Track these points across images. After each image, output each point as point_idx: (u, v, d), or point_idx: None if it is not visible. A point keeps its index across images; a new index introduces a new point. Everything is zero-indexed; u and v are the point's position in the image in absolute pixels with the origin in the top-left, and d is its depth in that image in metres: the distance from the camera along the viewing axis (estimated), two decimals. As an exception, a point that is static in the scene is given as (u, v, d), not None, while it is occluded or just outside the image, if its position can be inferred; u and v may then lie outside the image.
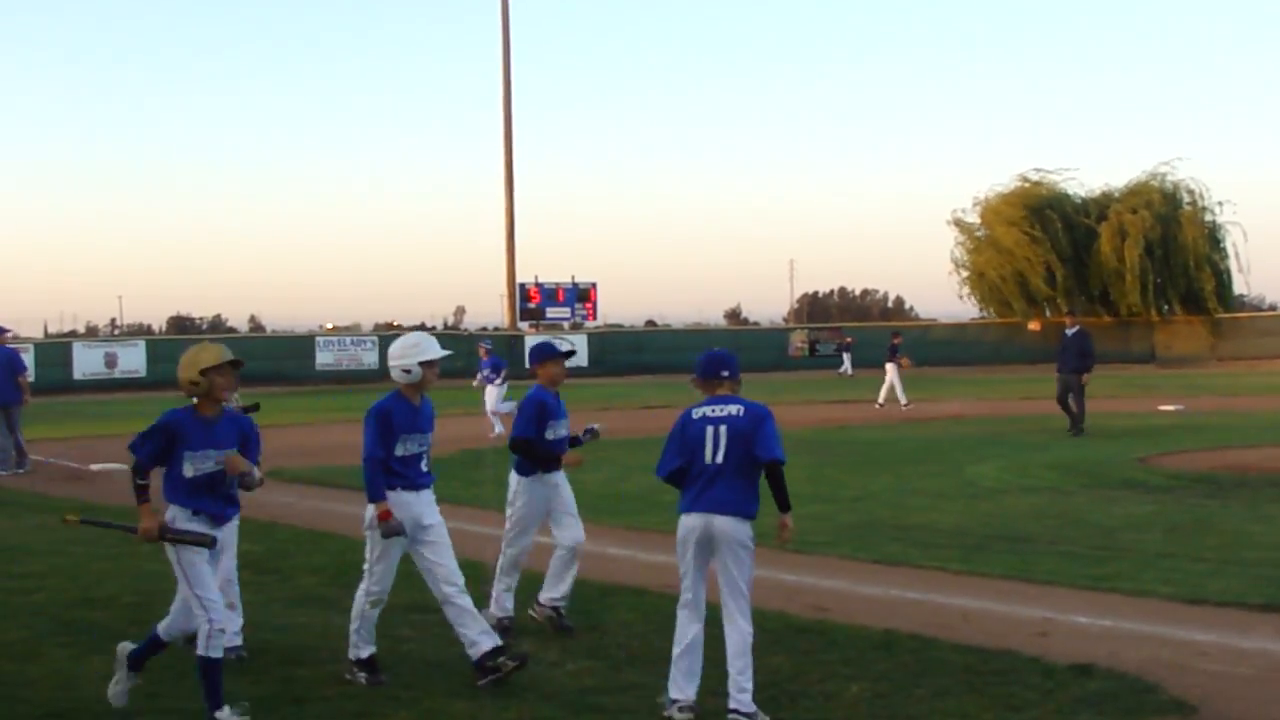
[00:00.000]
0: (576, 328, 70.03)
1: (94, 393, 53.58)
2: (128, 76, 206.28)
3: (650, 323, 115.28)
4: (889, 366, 38.17)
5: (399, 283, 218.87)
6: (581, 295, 69.69)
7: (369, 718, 7.62)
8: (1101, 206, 73.47)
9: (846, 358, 66.04)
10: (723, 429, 7.94)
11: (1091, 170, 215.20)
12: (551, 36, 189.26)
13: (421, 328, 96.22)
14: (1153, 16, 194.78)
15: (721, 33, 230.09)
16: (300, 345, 63.89)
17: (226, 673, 7.75)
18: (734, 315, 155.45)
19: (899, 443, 25.80)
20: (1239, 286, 76.94)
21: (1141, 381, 50.62)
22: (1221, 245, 74.32)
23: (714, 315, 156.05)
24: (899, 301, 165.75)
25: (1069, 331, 27.29)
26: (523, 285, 68.90)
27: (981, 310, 77.28)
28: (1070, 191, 75.72)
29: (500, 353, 44.13)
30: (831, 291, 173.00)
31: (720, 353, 8.52)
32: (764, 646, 9.08)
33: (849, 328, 79.21)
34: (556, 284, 69.24)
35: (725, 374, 8.28)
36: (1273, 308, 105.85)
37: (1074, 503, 16.22)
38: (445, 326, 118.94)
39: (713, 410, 8.05)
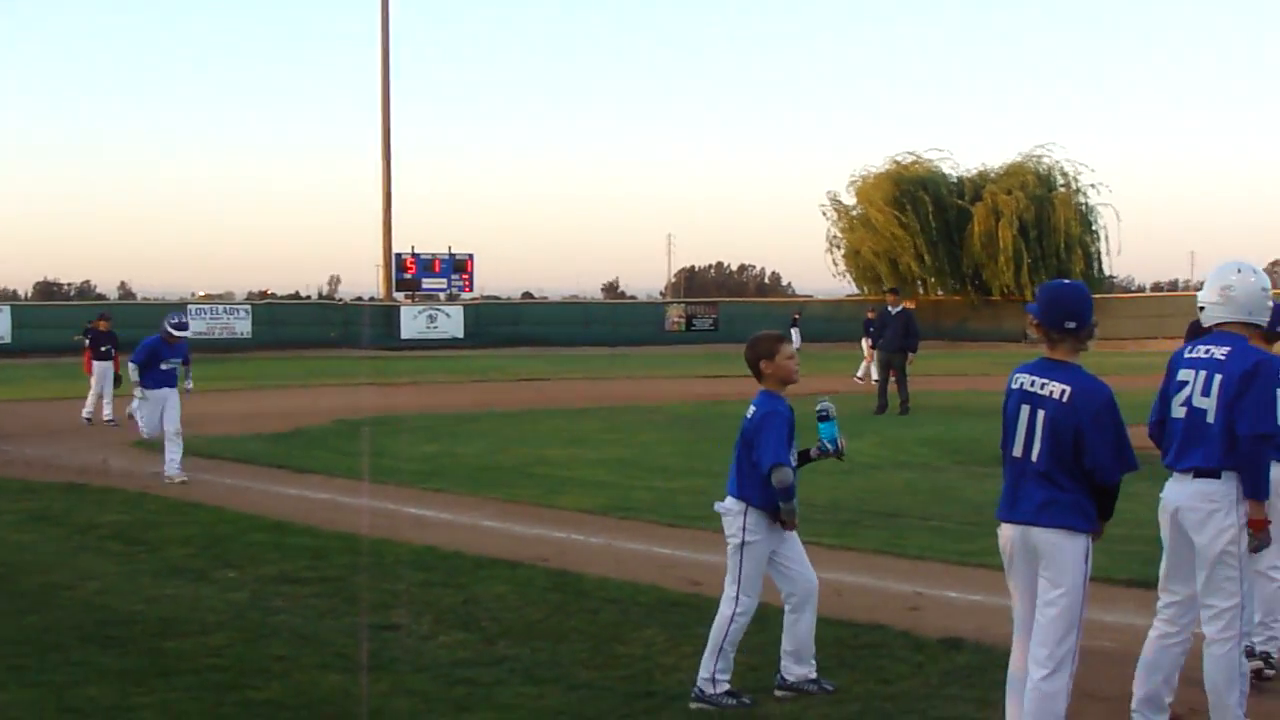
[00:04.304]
0: (453, 299, 69.64)
1: (-44, 359, 52.35)
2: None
3: (527, 295, 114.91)
4: (864, 341, 38.06)
5: (273, 251, 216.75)
6: (458, 266, 69.30)
7: (240, 690, 7.51)
8: (977, 187, 74.41)
9: (795, 333, 66.27)
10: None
11: (970, 151, 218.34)
12: (431, 5, 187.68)
13: (296, 297, 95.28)
14: (1032, 2, 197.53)
15: (601, 8, 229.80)
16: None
17: (91, 646, 7.58)
18: (612, 288, 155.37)
19: (774, 418, 25.87)
20: (1109, 268, 78.47)
21: (1013, 360, 50.94)
22: (1093, 227, 75.62)
23: (592, 288, 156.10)
24: (775, 277, 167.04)
25: (893, 310, 27.54)
26: (399, 255, 68.40)
27: (856, 287, 77.93)
28: (945, 172, 76.59)
29: (377, 323, 43.83)
30: (709, 266, 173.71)
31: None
32: (638, 619, 9.12)
33: (724, 302, 79.72)
34: (433, 255, 68.80)
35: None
36: (1141, 289, 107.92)
37: (946, 478, 16.43)
38: (320, 296, 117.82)
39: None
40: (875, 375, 35.63)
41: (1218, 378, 6.36)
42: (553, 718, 7.07)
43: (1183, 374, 6.59)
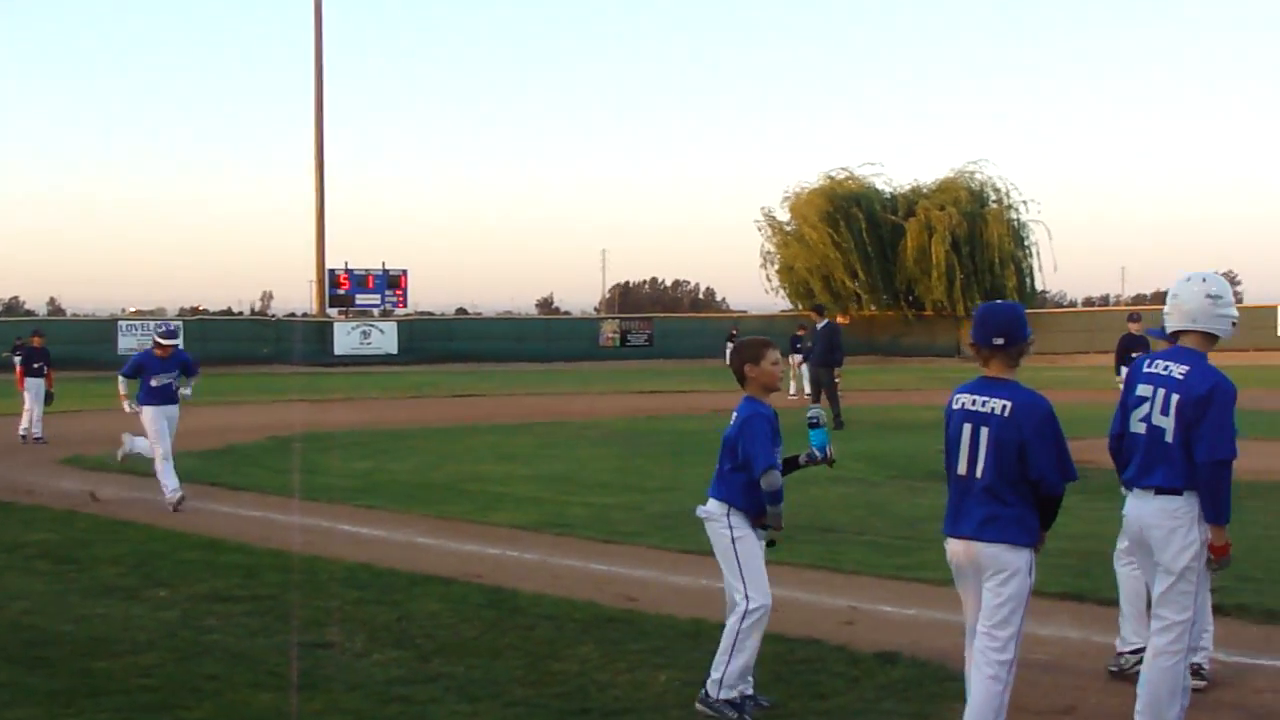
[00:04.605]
0: (387, 315, 69.45)
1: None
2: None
3: (462, 311, 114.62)
4: (793, 357, 38.21)
5: (205, 267, 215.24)
6: (392, 282, 69.12)
7: (171, 711, 7.42)
8: (910, 203, 74.79)
9: (730, 348, 66.31)
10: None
11: (903, 167, 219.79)
12: (365, 21, 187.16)
13: (228, 313, 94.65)
14: (967, 21, 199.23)
15: (535, 24, 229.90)
16: (101, 329, 62.33)
17: (18, 666, 7.47)
18: (546, 304, 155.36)
19: (709, 433, 25.89)
20: (1042, 283, 79.10)
21: (946, 375, 51.62)
22: (1026, 243, 76.19)
23: (526, 304, 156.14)
24: (710, 293, 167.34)
25: (818, 327, 27.91)
26: (332, 271, 68.17)
27: (796, 304, 78.10)
28: (879, 188, 76.97)
29: (310, 339, 43.53)
30: (644, 282, 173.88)
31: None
32: (573, 636, 9.09)
33: (659, 318, 79.90)
34: (367, 270, 68.59)
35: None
36: (1074, 304, 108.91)
37: (881, 493, 16.49)
38: (252, 312, 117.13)
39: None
40: (808, 390, 35.93)
41: (1175, 397, 6.42)
42: (487, 735, 7.04)
43: (1141, 389, 6.65)
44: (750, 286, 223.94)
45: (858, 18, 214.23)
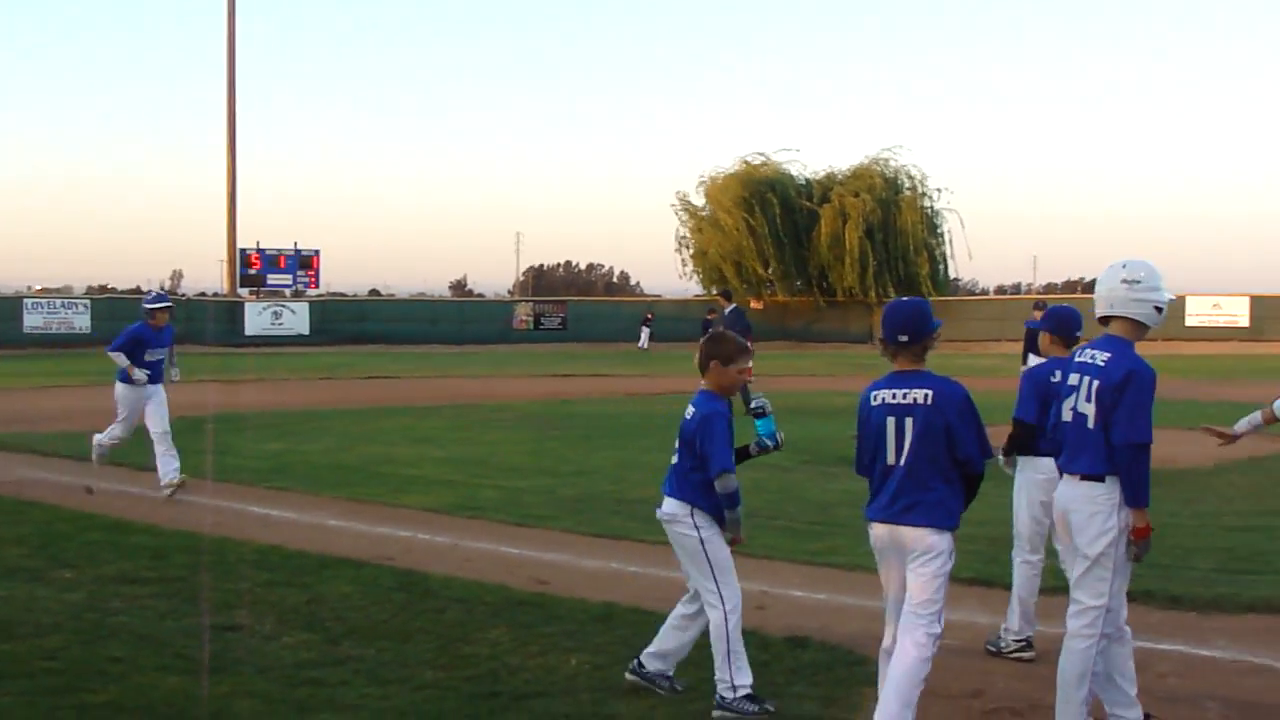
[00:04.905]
0: (298, 295, 68.94)
1: None
2: None
3: (374, 292, 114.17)
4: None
5: (114, 245, 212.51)
6: (304, 263, 68.64)
7: (76, 694, 7.33)
8: (825, 189, 75.18)
9: (645, 332, 66.26)
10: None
11: (819, 153, 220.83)
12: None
13: (137, 292, 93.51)
14: (884, 9, 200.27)
15: (451, 3, 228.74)
16: (6, 307, 61.50)
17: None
18: (459, 286, 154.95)
19: (621, 417, 26.01)
20: (955, 271, 79.79)
21: (859, 361, 52.00)
22: (939, 231, 76.84)
23: (439, 286, 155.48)
24: (624, 277, 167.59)
25: (726, 312, 27.92)
26: (243, 251, 67.58)
27: (706, 289, 78.32)
28: (794, 174, 77.30)
29: (221, 319, 43.06)
30: (558, 265, 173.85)
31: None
32: (484, 619, 9.08)
33: (573, 301, 79.87)
34: (279, 250, 68.07)
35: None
36: (986, 292, 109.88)
37: (792, 478, 16.57)
38: (162, 290, 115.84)
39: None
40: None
41: (1095, 383, 6.54)
42: (398, 718, 7.01)
43: (1071, 378, 6.77)
44: (665, 271, 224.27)
45: (776, 3, 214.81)
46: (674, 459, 7.45)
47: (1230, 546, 11.70)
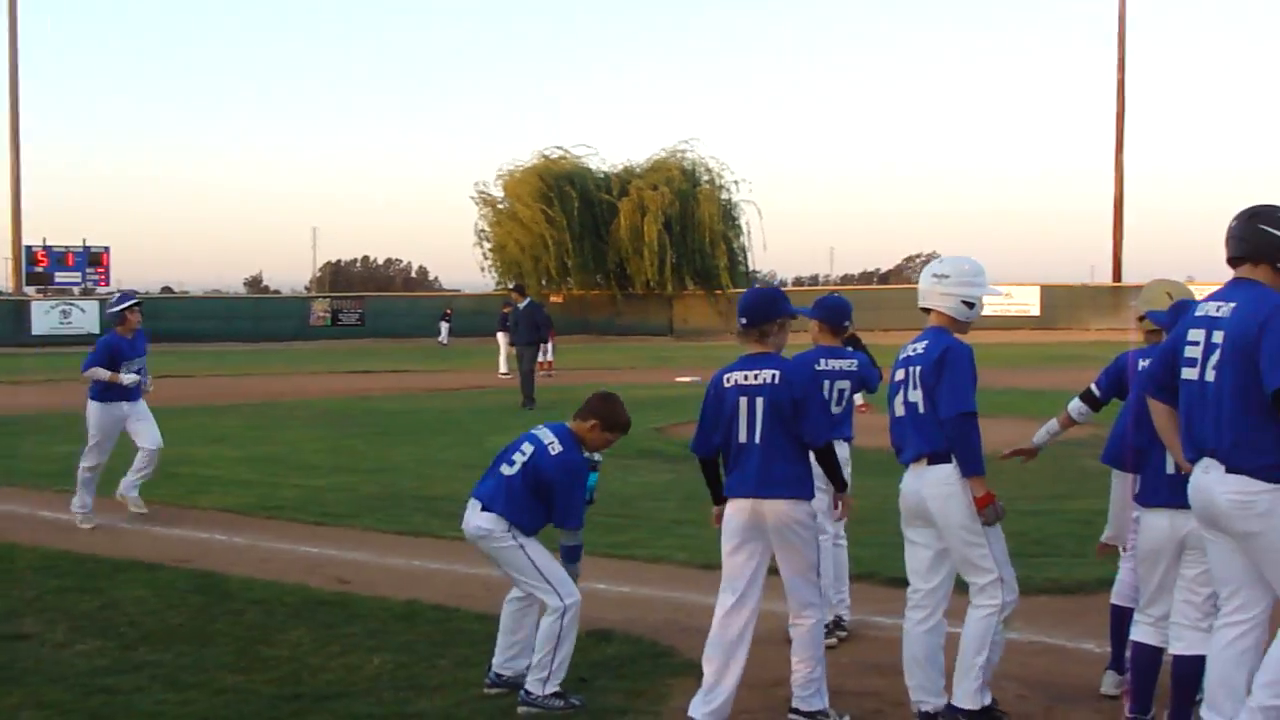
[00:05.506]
0: (88, 293, 67.17)
1: None
2: None
3: (167, 289, 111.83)
4: (500, 336, 37.91)
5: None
6: (93, 259, 66.87)
7: None
8: (623, 182, 75.31)
9: (444, 327, 65.71)
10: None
11: (617, 147, 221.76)
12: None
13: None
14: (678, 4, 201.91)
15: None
16: None
17: None
18: (255, 283, 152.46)
19: (421, 413, 25.87)
20: (753, 263, 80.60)
21: (659, 353, 52.29)
22: (737, 223, 77.55)
23: (234, 283, 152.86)
24: (423, 272, 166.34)
25: (521, 306, 28.11)
26: (29, 248, 65.56)
27: (501, 283, 77.88)
28: (593, 167, 77.40)
29: (5, 318, 41.79)
30: (355, 260, 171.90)
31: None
32: (285, 620, 8.97)
33: (371, 297, 79.20)
34: (66, 247, 66.20)
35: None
36: (784, 284, 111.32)
37: (592, 472, 16.61)
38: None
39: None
40: (503, 369, 36.28)
41: (916, 369, 6.76)
42: (197, 724, 6.89)
43: (899, 373, 6.94)
44: (464, 265, 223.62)
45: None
46: (505, 470, 7.37)
47: (1024, 531, 12.01)
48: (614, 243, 73.86)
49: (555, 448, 7.34)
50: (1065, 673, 7.90)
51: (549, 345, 31.56)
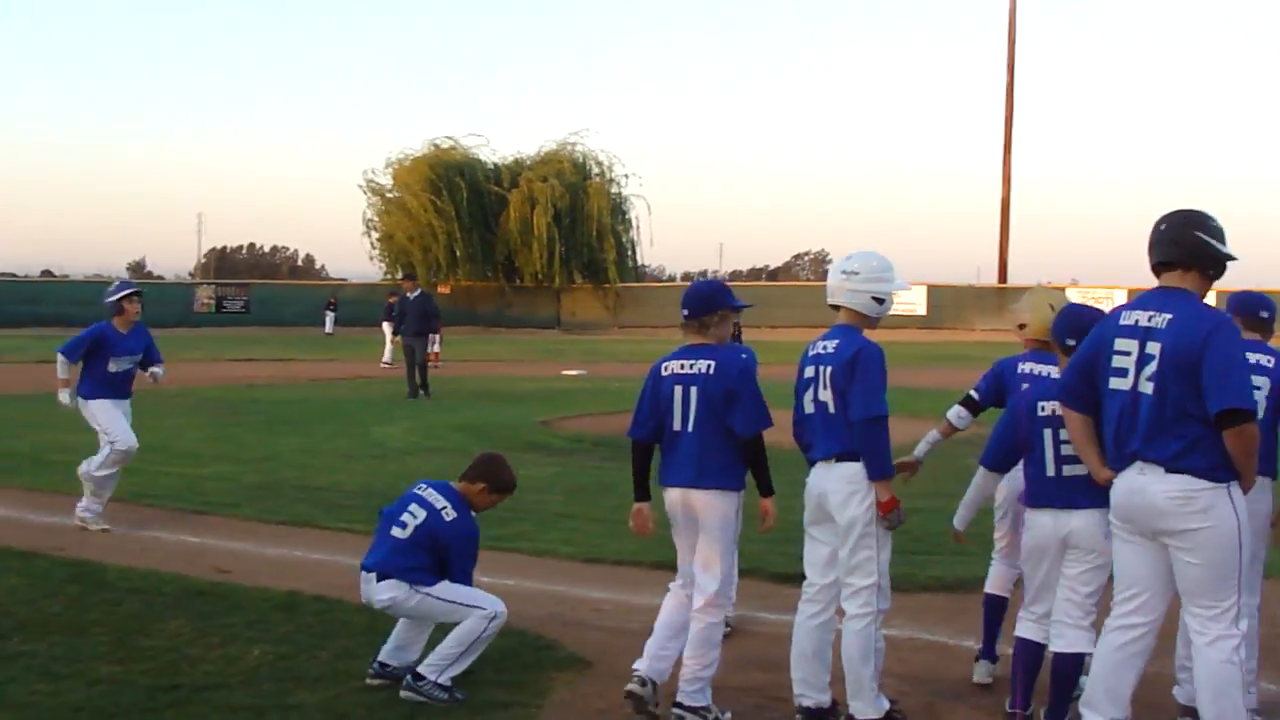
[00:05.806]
0: (-35, 275, 65.85)
1: None
2: None
3: (47, 273, 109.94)
4: (385, 326, 37.65)
5: None
6: (-30, 242, 65.64)
7: None
8: (514, 174, 75.12)
9: (329, 316, 65.10)
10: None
11: (508, 139, 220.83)
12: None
13: None
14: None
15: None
16: None
17: None
18: (138, 268, 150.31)
19: (306, 403, 25.66)
20: (642, 257, 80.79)
21: (546, 346, 52.29)
22: (626, 216, 77.66)
23: (117, 267, 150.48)
24: (310, 260, 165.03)
25: (411, 296, 28.03)
26: (-98, 229, 64.24)
27: (388, 273, 77.30)
28: (484, 158, 77.14)
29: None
30: (241, 247, 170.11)
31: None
32: (163, 610, 8.88)
33: (256, 284, 78.39)
34: (-58, 229, 64.94)
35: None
36: (673, 279, 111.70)
37: (478, 464, 16.57)
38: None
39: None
40: (387, 359, 36.14)
41: (828, 369, 6.75)
42: (72, 715, 6.79)
43: (808, 370, 6.92)
44: (352, 254, 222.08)
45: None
46: (397, 533, 7.36)
47: (908, 528, 12.11)
48: (503, 234, 73.67)
49: (449, 514, 7.40)
50: (947, 669, 8.01)
51: (436, 336, 31.39)
